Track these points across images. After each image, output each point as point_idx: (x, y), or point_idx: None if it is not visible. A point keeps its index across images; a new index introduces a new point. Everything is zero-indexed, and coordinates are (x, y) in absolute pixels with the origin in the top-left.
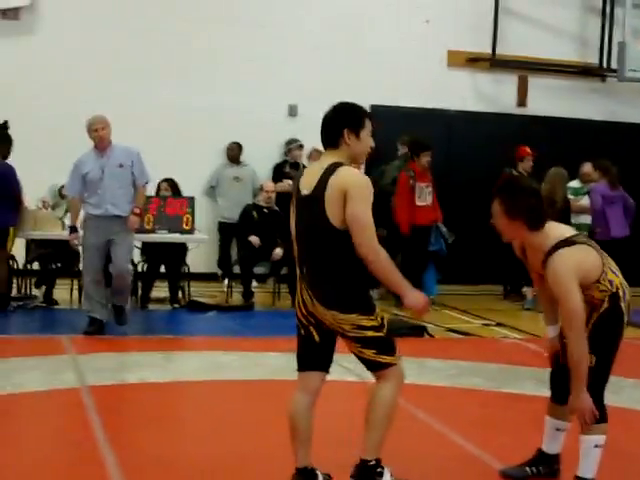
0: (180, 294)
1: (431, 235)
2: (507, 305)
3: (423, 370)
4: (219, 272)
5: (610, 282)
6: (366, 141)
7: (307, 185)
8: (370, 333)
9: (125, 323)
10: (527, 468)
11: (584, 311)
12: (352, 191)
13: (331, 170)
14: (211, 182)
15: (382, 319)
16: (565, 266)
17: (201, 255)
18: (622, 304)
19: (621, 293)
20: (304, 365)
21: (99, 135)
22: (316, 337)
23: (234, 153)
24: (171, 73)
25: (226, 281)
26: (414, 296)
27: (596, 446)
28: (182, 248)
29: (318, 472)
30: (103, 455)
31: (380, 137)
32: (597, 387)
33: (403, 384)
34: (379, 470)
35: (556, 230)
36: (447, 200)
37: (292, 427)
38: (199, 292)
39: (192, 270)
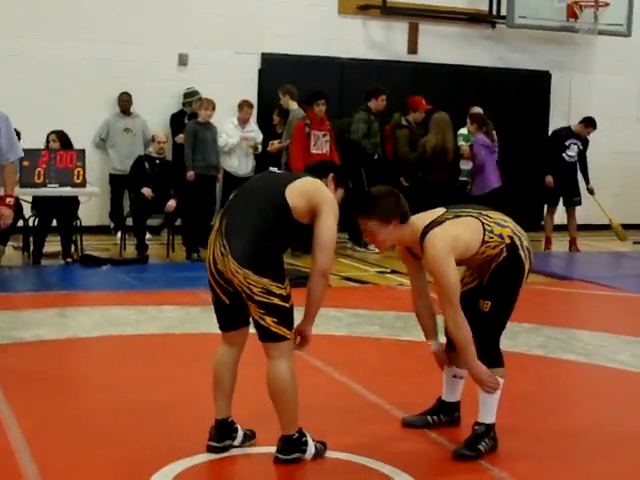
0: (73, 248)
1: None
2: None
3: (321, 319)
4: (111, 225)
5: (500, 236)
6: None
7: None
8: (277, 301)
9: None
10: (428, 417)
11: (459, 287)
12: (325, 204)
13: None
14: (101, 134)
15: (290, 293)
16: (440, 242)
17: (93, 208)
18: (521, 252)
19: (517, 242)
20: (222, 325)
21: None
22: (225, 300)
23: (126, 104)
24: (55, 22)
25: (119, 234)
26: (311, 330)
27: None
28: (74, 202)
29: (238, 425)
30: (4, 416)
31: (274, 85)
32: (493, 333)
33: (294, 359)
34: (304, 440)
35: (424, 217)
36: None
37: (215, 379)
38: (92, 246)
39: (84, 224)
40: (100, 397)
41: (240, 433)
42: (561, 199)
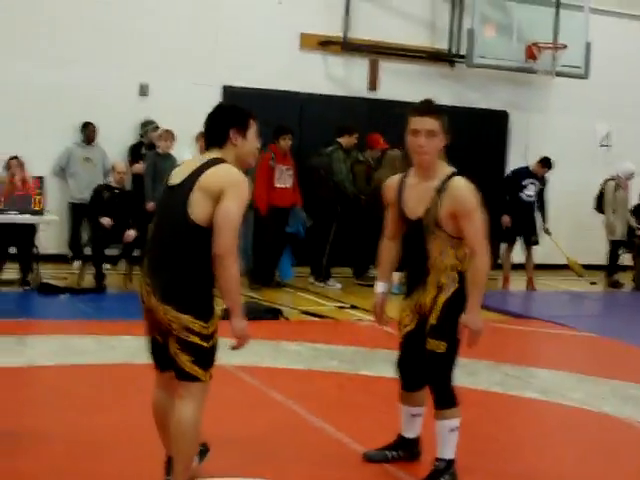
0: (31, 276)
1: (289, 217)
2: (359, 287)
3: (279, 353)
4: (69, 254)
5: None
6: (253, 141)
7: (178, 177)
8: (195, 339)
9: None
10: (387, 452)
11: None
12: (230, 189)
13: (211, 163)
14: (61, 163)
15: (214, 332)
16: (471, 187)
17: (51, 236)
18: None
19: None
20: (157, 364)
21: None
22: (159, 339)
23: (92, 134)
24: (16, 47)
25: (77, 263)
26: (243, 324)
27: (452, 430)
28: (32, 229)
29: None
30: None
31: None
32: (449, 372)
33: (204, 405)
34: None
35: None
36: (299, 184)
37: (157, 424)
38: (50, 274)
39: (42, 252)
40: (55, 426)
41: (195, 458)
42: (519, 238)
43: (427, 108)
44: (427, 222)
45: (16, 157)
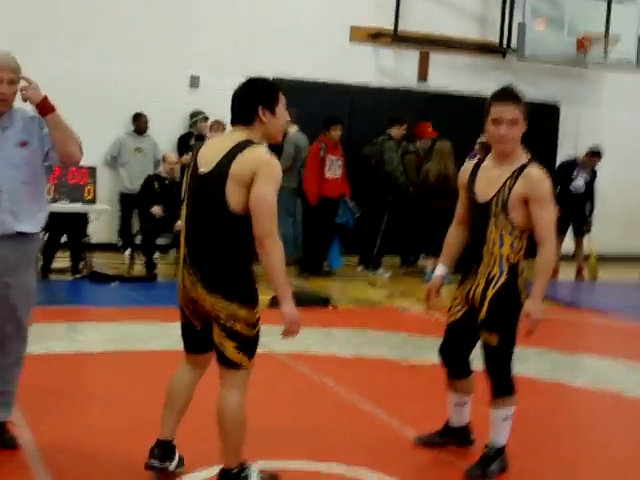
0: (82, 265)
1: (339, 208)
2: (407, 276)
3: (329, 340)
4: (120, 243)
5: (519, 250)
6: (282, 117)
7: (207, 162)
8: (239, 327)
9: (13, 446)
10: (436, 438)
11: None
12: (261, 171)
13: (240, 148)
14: (112, 153)
15: (258, 320)
16: (547, 176)
17: (102, 226)
18: (519, 281)
19: (520, 269)
20: (189, 348)
21: (1, 89)
22: (197, 325)
23: (143, 125)
24: (69, 40)
25: (127, 252)
26: (294, 311)
27: (505, 419)
28: (84, 218)
29: (177, 450)
30: (17, 427)
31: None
32: (505, 363)
33: (248, 390)
34: (244, 475)
35: None
36: (348, 174)
37: (168, 398)
38: (100, 263)
39: (93, 241)
40: (105, 412)
41: (177, 457)
42: (570, 228)
43: (508, 96)
44: (495, 205)
45: None
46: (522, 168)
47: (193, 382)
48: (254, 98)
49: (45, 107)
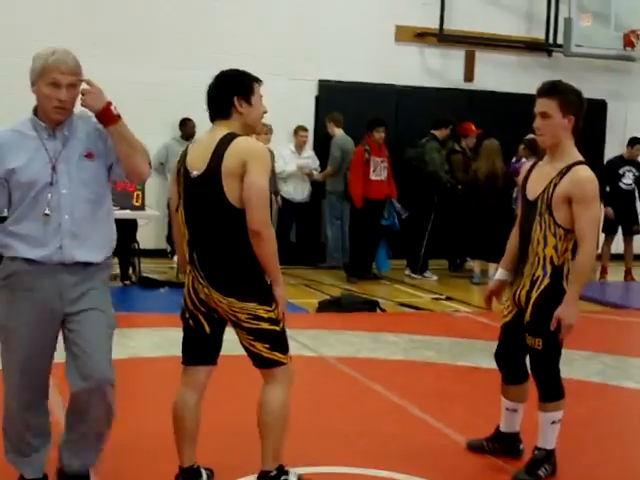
0: (131, 271)
1: (384, 210)
2: (455, 279)
3: (377, 344)
4: (168, 249)
5: (564, 251)
6: (259, 107)
7: (197, 163)
8: (265, 325)
9: None
10: (485, 443)
11: None
12: (250, 160)
13: (225, 143)
14: (160, 158)
15: (278, 315)
16: (594, 178)
17: (151, 232)
18: (564, 283)
19: (565, 271)
20: (191, 359)
21: (60, 95)
22: (207, 328)
23: (191, 130)
24: (116, 46)
25: (175, 258)
26: (283, 292)
27: (553, 422)
28: (132, 224)
29: (202, 469)
30: None
31: (330, 111)
32: (552, 367)
33: (293, 385)
34: (283, 478)
35: None
36: (395, 176)
37: (177, 425)
38: (149, 269)
39: (142, 247)
40: (158, 417)
41: (204, 475)
42: (620, 228)
43: (541, 89)
44: (541, 203)
45: None
46: (570, 167)
47: (197, 402)
48: (228, 90)
49: (108, 116)
